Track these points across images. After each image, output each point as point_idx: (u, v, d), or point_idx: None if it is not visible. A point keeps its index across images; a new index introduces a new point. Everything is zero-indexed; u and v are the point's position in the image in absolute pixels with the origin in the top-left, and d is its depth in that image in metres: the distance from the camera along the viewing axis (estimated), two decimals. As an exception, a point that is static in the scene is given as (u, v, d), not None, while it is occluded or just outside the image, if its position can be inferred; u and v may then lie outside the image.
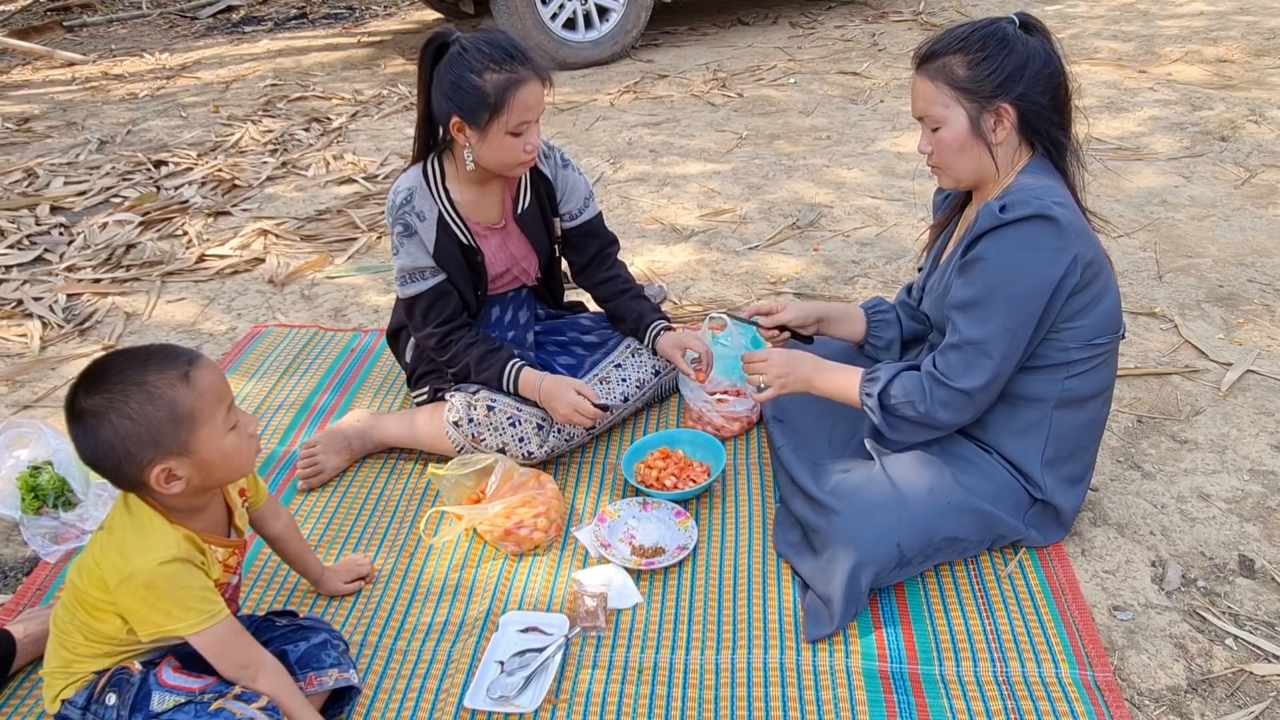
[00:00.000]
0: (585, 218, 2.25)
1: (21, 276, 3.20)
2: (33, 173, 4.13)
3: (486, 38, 1.92)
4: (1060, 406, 1.75)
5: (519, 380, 2.07)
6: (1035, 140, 1.72)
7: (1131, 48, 5.17)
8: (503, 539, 1.91)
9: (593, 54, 5.39)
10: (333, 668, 1.54)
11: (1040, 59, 1.66)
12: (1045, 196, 1.62)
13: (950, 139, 1.72)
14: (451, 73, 1.91)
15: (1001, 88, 1.66)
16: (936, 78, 1.70)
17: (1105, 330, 1.72)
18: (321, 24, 7.19)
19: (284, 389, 2.51)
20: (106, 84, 5.69)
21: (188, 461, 1.36)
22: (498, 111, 1.90)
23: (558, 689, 1.62)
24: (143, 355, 1.37)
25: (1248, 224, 3.19)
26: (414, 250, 2.05)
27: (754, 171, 3.85)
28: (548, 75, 1.96)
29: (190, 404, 1.34)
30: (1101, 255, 1.69)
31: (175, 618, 1.37)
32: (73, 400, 1.33)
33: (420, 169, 2.09)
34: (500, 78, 1.88)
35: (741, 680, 1.63)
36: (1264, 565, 1.84)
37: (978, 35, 1.68)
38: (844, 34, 5.80)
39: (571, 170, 2.22)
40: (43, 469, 2.03)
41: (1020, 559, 1.85)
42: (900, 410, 1.75)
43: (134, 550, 1.37)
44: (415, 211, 2.05)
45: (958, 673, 1.63)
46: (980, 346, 1.66)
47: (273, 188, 3.93)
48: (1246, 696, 1.59)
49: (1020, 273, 1.62)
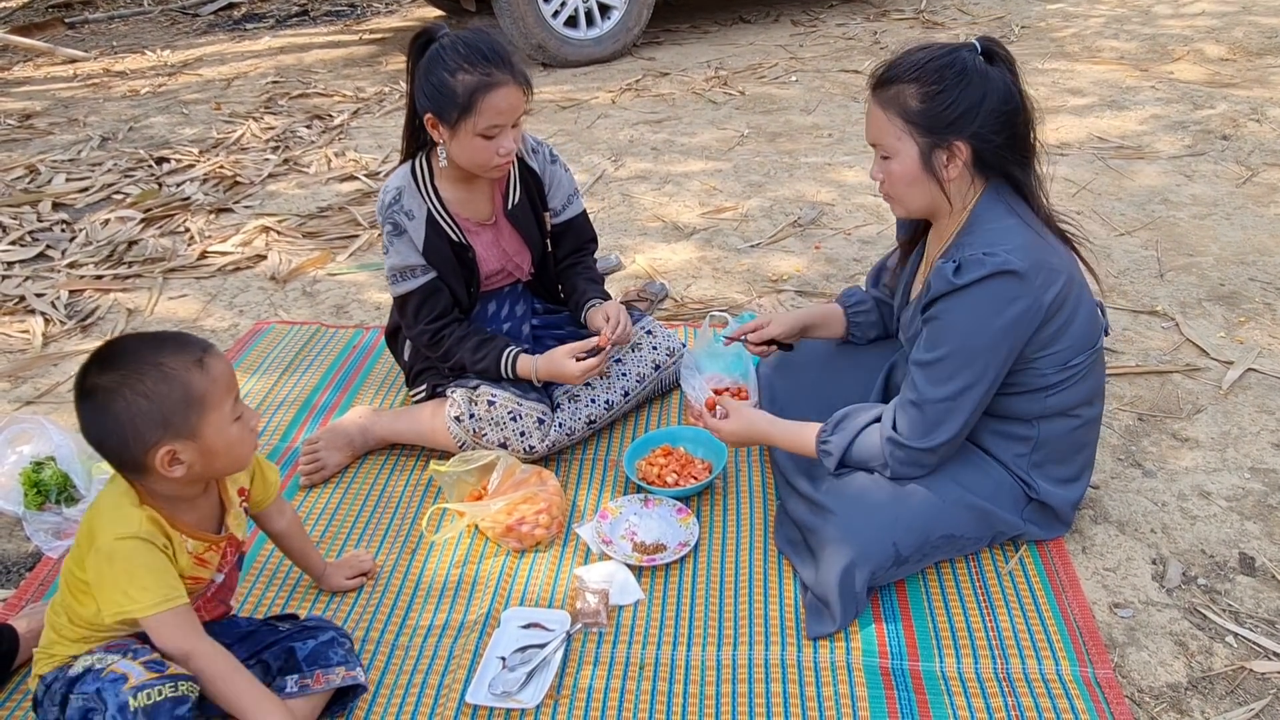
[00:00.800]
0: (568, 215, 2.26)
1: (24, 273, 3.20)
2: (35, 169, 4.13)
3: (469, 37, 1.91)
4: (1045, 419, 1.74)
5: (516, 366, 2.08)
6: (990, 175, 1.67)
7: (1133, 46, 5.17)
8: (504, 535, 1.91)
9: (594, 51, 5.39)
10: (340, 665, 1.54)
11: (999, 94, 1.60)
12: (999, 246, 1.58)
13: (900, 172, 1.66)
14: (429, 69, 1.91)
15: (955, 125, 1.60)
16: (889, 107, 1.64)
17: (1082, 348, 1.69)
18: (323, 21, 7.19)
19: (286, 385, 2.51)
20: (108, 81, 5.69)
21: (193, 446, 1.37)
22: (467, 112, 1.89)
23: (559, 685, 1.62)
24: (158, 339, 1.40)
25: (1249, 223, 3.20)
26: (404, 249, 2.06)
27: (755, 169, 3.85)
28: (526, 81, 1.94)
29: (203, 388, 1.36)
30: (1066, 278, 1.64)
31: (131, 597, 1.37)
32: (84, 378, 1.35)
33: (409, 167, 2.10)
34: (472, 79, 1.88)
35: (743, 676, 1.63)
36: (1264, 563, 1.84)
37: (934, 65, 1.60)
38: (846, 32, 5.80)
39: (559, 166, 2.23)
40: (45, 464, 2.04)
41: (1021, 555, 1.85)
42: (862, 466, 1.77)
43: (100, 525, 1.39)
44: (404, 210, 2.05)
45: (958, 669, 1.63)
46: (940, 405, 1.65)
47: (274, 185, 3.93)
48: (1246, 694, 1.59)
49: (979, 333, 1.60)
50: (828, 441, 1.78)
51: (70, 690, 1.39)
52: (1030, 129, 1.66)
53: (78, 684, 1.38)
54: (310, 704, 1.52)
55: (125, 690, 1.32)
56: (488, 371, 2.10)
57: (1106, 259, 3.00)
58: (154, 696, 1.32)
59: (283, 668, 1.53)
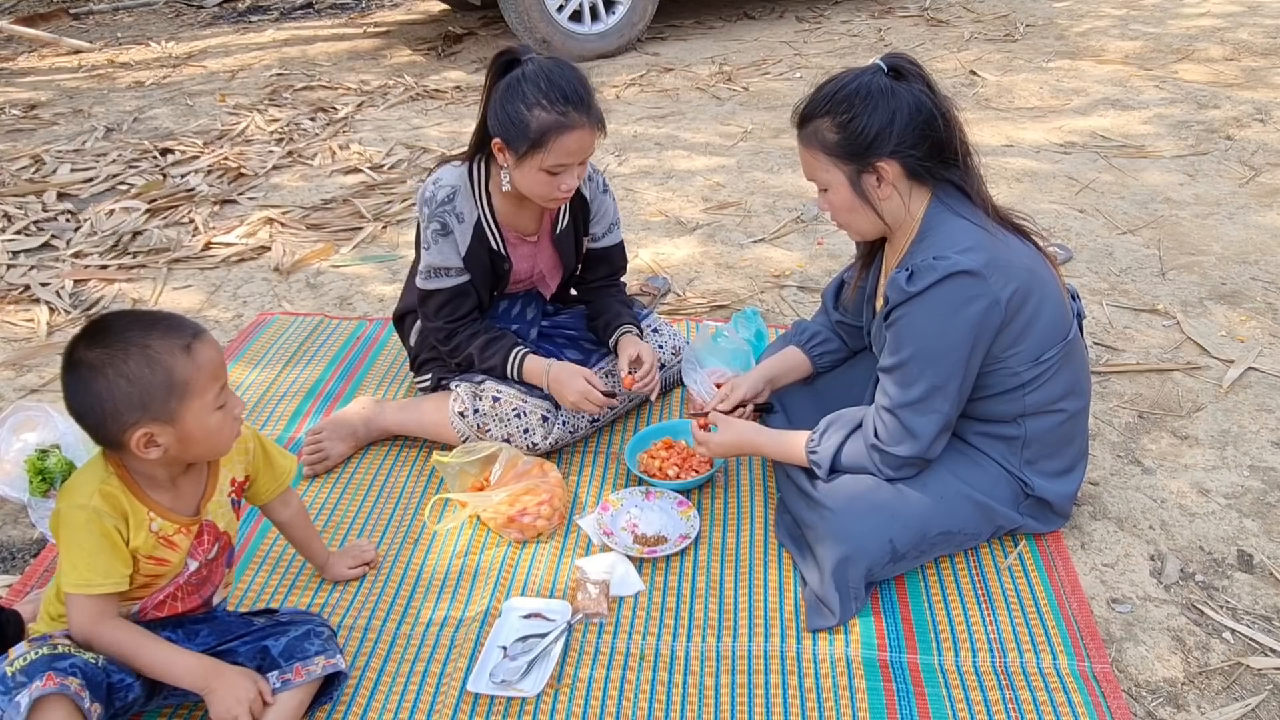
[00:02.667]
0: (607, 242, 2.27)
1: (29, 262, 3.21)
2: (40, 159, 4.14)
3: (551, 70, 1.89)
4: (1029, 417, 1.75)
5: (523, 367, 2.08)
6: (931, 182, 1.68)
7: (1138, 46, 5.17)
8: (506, 526, 1.92)
9: (599, 46, 5.39)
10: (319, 655, 1.53)
11: (908, 109, 1.61)
12: (949, 249, 1.60)
13: (838, 201, 1.71)
14: (507, 95, 1.89)
15: (873, 147, 1.63)
16: (811, 143, 1.69)
17: (1051, 342, 1.69)
18: (328, 14, 7.19)
19: (289, 376, 2.52)
20: (113, 72, 5.70)
21: (170, 430, 1.36)
22: (537, 148, 1.88)
23: (559, 675, 1.64)
24: (149, 319, 1.38)
25: (1251, 222, 3.20)
26: (446, 250, 2.04)
27: (759, 165, 3.86)
28: (600, 122, 1.93)
29: (187, 375, 1.35)
30: (1025, 273, 1.64)
31: (62, 569, 1.38)
32: (72, 350, 1.34)
33: (466, 169, 2.07)
34: (548, 118, 1.86)
35: (742, 668, 1.64)
36: (1262, 560, 1.85)
37: (843, 95, 1.64)
38: (850, 29, 5.80)
39: (609, 196, 2.23)
40: (50, 452, 2.05)
41: (1020, 551, 1.86)
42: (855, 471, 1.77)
43: (64, 489, 1.40)
44: (455, 212, 2.03)
45: (956, 663, 1.64)
46: (912, 408, 1.67)
47: (278, 177, 3.94)
48: (1243, 689, 1.60)
49: (938, 334, 1.62)
50: (816, 450, 1.79)
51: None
52: (954, 132, 1.66)
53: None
54: (296, 698, 1.50)
55: (3, 664, 1.35)
56: (494, 370, 2.11)
57: (1108, 257, 3.01)
58: (29, 658, 1.35)
59: (260, 667, 1.51)
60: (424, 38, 6.19)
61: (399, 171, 3.93)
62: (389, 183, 3.81)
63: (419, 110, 4.76)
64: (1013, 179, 3.60)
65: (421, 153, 4.13)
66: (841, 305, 2.03)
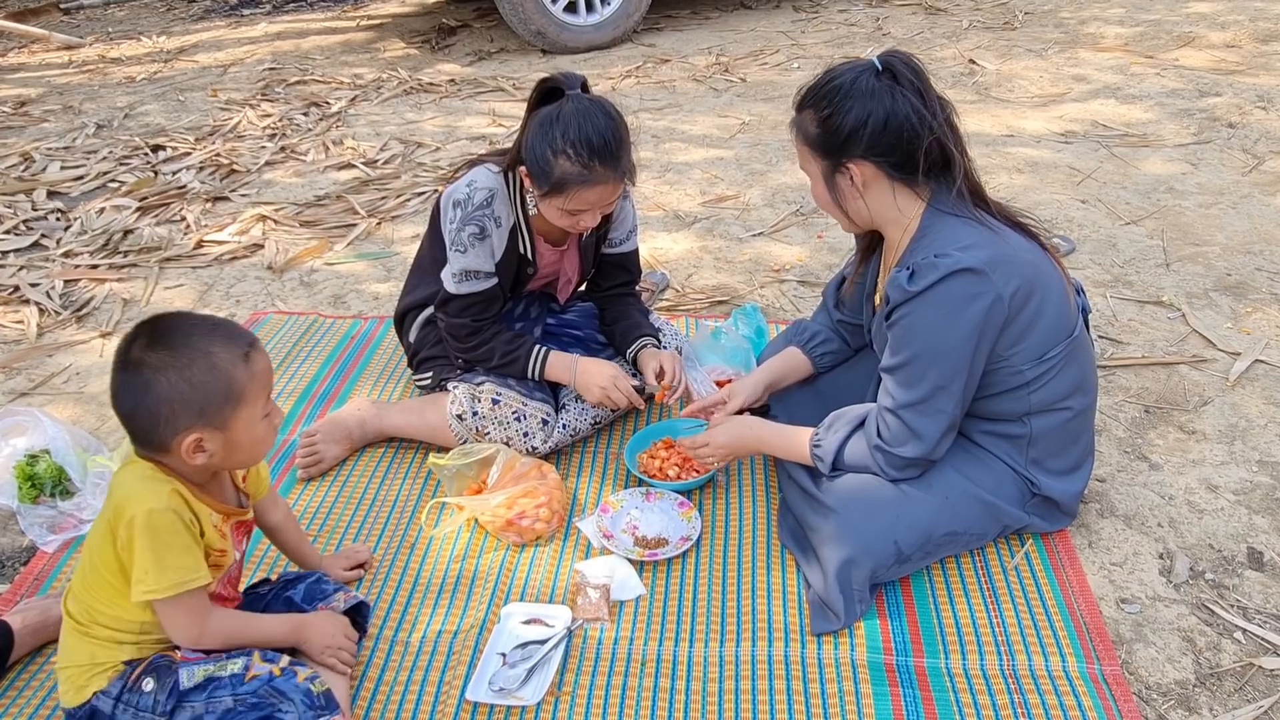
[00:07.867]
0: (624, 248, 2.25)
1: (18, 262, 3.17)
2: (29, 157, 4.09)
3: (587, 116, 1.84)
4: (1034, 415, 1.72)
5: (546, 364, 2.07)
6: (921, 181, 1.64)
7: (1139, 33, 5.12)
8: (504, 530, 1.89)
9: (594, 37, 5.34)
10: (337, 593, 1.63)
11: (883, 114, 1.57)
12: (950, 246, 1.57)
13: (817, 195, 1.72)
14: (540, 132, 1.86)
15: (844, 147, 1.61)
16: (798, 132, 1.69)
17: (1055, 339, 1.67)
18: (320, 7, 7.13)
19: (283, 376, 2.48)
20: (104, 67, 5.65)
21: (220, 437, 1.38)
22: (558, 191, 1.87)
23: (560, 681, 1.61)
24: (209, 325, 1.40)
25: (1255, 211, 3.17)
26: (482, 254, 2.02)
27: (757, 157, 3.82)
28: (628, 174, 1.92)
29: (244, 384, 1.38)
30: (1030, 270, 1.62)
31: (148, 577, 1.36)
32: (129, 349, 1.34)
33: (502, 174, 2.03)
34: (572, 169, 1.84)
35: (746, 673, 1.61)
36: (1273, 558, 1.83)
37: (827, 89, 1.62)
38: (848, 18, 5.75)
39: (629, 203, 2.22)
40: (40, 457, 2.01)
41: (1027, 550, 1.84)
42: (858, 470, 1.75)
43: (129, 499, 1.36)
44: (494, 216, 2.01)
45: (964, 666, 1.61)
46: (915, 408, 1.64)
47: (271, 173, 3.90)
48: (1255, 690, 1.57)
49: (941, 333, 1.59)
50: (820, 445, 1.77)
51: (182, 701, 1.41)
52: (939, 145, 1.60)
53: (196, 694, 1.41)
54: None
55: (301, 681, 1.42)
56: (513, 366, 2.08)
57: (1112, 248, 2.97)
58: (324, 684, 1.45)
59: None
60: (418, 30, 6.14)
61: (393, 167, 3.89)
62: (383, 178, 3.76)
63: (413, 104, 4.71)
64: (1014, 169, 3.56)
65: (416, 147, 4.09)
66: (841, 301, 2.00)
